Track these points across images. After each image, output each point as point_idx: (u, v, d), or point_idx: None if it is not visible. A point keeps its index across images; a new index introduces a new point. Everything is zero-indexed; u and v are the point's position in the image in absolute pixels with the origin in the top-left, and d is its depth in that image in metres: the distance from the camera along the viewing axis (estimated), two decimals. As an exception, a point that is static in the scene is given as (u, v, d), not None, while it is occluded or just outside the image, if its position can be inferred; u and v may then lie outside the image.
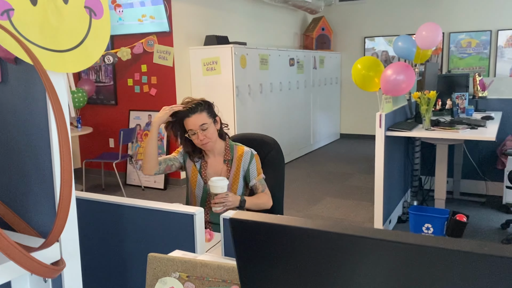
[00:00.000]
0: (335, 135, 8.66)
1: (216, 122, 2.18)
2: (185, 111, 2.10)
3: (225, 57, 5.31)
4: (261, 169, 2.25)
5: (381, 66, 3.46)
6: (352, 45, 8.60)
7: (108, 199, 1.15)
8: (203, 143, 2.12)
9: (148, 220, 1.07)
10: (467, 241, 0.51)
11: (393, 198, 3.95)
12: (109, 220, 1.15)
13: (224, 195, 1.95)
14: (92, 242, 1.17)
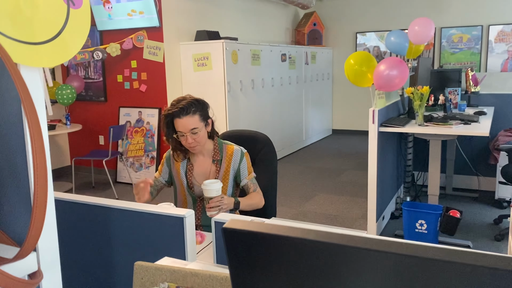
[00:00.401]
0: (327, 131, 8.64)
1: (207, 125, 2.10)
2: (177, 111, 1.99)
3: (216, 52, 5.24)
4: (252, 168, 2.19)
5: (374, 61, 3.43)
6: (344, 41, 8.56)
7: (90, 200, 1.09)
8: (191, 146, 2.05)
9: (135, 223, 1.02)
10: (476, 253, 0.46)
11: (386, 194, 3.93)
12: (91, 223, 1.09)
13: (219, 198, 1.89)
14: (72, 248, 1.12)
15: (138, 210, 1.00)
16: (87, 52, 5.30)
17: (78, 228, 1.11)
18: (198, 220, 2.15)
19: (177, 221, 0.96)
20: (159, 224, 0.98)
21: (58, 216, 1.10)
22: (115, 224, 1.04)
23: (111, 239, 1.05)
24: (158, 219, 0.98)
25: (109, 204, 1.05)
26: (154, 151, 5.39)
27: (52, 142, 5.94)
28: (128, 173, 5.51)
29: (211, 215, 1.89)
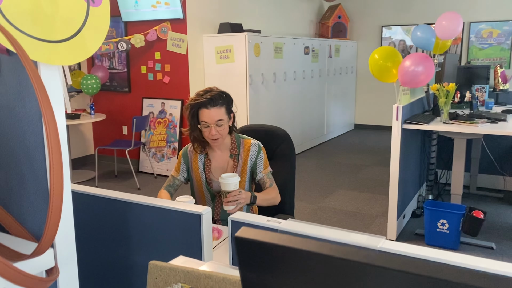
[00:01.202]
0: (350, 126, 8.54)
1: (230, 119, 2.10)
2: (205, 101, 1.98)
3: (239, 45, 5.23)
4: (268, 162, 2.18)
5: (399, 56, 3.36)
6: (369, 34, 8.42)
7: (108, 194, 1.10)
8: (214, 139, 2.03)
9: (152, 219, 1.02)
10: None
11: (408, 192, 3.86)
12: (108, 217, 1.10)
13: (237, 192, 1.88)
14: (89, 244, 1.13)
15: (156, 206, 1.01)
16: (111, 42, 5.36)
17: (94, 222, 1.12)
18: (217, 215, 2.15)
19: (194, 218, 0.96)
20: (176, 221, 0.98)
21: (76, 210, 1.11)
22: (132, 219, 1.05)
23: (128, 234, 1.06)
24: (175, 215, 0.99)
25: (126, 198, 1.06)
26: (176, 142, 5.44)
27: (76, 131, 6.05)
28: (150, 163, 5.57)
29: (228, 210, 1.90)
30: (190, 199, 1.90)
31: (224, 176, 1.89)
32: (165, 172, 5.50)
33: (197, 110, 2.03)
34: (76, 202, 1.14)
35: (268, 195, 2.10)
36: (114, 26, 5.74)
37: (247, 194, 1.96)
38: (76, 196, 1.14)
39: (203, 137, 2.08)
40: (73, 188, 1.13)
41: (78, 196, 1.13)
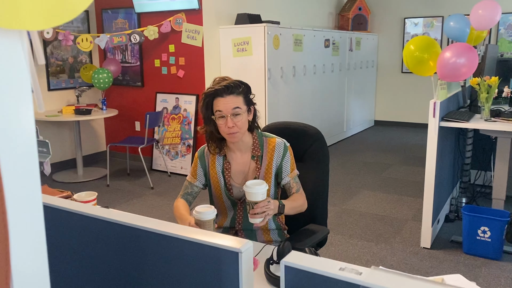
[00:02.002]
0: (370, 122, 8.22)
1: (250, 112, 1.83)
2: (220, 89, 1.74)
3: (257, 37, 4.95)
4: (295, 165, 1.91)
5: (437, 47, 3.05)
6: (390, 26, 8.07)
7: (114, 217, 0.84)
8: (230, 132, 1.76)
9: (173, 253, 0.77)
10: None
11: (442, 195, 3.57)
12: (113, 248, 0.85)
13: (265, 203, 1.62)
14: (92, 280, 0.88)
15: (179, 237, 0.75)
16: (124, 35, 5.13)
17: (97, 252, 0.87)
18: (239, 224, 1.90)
19: (230, 256, 0.70)
20: (205, 258, 0.72)
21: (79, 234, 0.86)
22: (147, 250, 0.80)
23: (142, 271, 0.81)
24: (204, 251, 0.73)
25: (136, 224, 0.80)
26: (191, 139, 5.20)
27: (88, 126, 5.85)
28: (164, 161, 5.35)
29: (256, 224, 1.64)
30: (211, 209, 1.65)
31: (250, 185, 1.63)
32: (179, 170, 5.27)
33: (211, 100, 1.78)
34: (77, 224, 0.89)
35: (296, 202, 1.83)
36: (127, 17, 5.51)
37: (275, 204, 1.70)
38: (76, 218, 0.88)
39: (219, 133, 1.82)
40: (74, 209, 0.88)
41: (79, 218, 0.88)
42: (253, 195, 1.61)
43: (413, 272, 2.90)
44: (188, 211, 1.83)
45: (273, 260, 1.44)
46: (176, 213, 1.84)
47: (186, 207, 1.86)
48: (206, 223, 1.62)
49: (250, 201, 1.62)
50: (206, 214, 1.62)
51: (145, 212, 4.07)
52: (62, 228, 0.93)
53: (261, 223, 1.63)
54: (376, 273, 0.56)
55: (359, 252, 3.22)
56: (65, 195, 1.93)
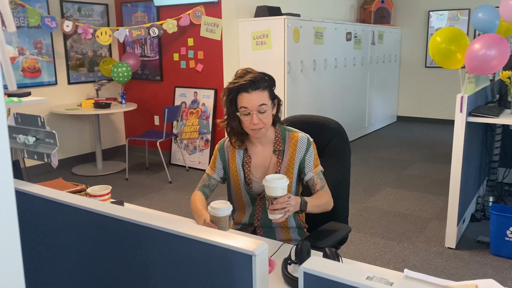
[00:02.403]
0: (392, 118, 8.04)
1: (274, 106, 1.76)
2: (245, 84, 1.66)
3: (277, 30, 4.86)
4: (319, 160, 1.82)
5: (465, 38, 2.91)
6: (414, 20, 7.85)
7: (124, 215, 0.78)
8: (256, 128, 1.69)
9: (184, 255, 0.70)
10: None
11: (468, 193, 3.43)
12: (121, 247, 0.78)
13: (286, 198, 1.54)
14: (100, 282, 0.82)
15: (188, 237, 0.68)
16: (143, 28, 5.11)
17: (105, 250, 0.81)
18: (258, 221, 1.83)
19: (243, 259, 0.63)
20: (217, 260, 0.66)
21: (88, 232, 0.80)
22: (156, 251, 0.73)
23: (150, 271, 0.74)
24: (215, 252, 0.66)
25: (145, 222, 0.74)
26: (209, 133, 5.15)
27: (107, 120, 5.87)
28: (182, 156, 5.32)
29: (275, 220, 1.56)
30: (227, 205, 1.58)
31: (270, 179, 1.55)
32: (197, 165, 5.23)
33: (235, 95, 1.70)
34: (84, 221, 0.83)
35: (320, 200, 1.74)
36: (146, 11, 5.48)
37: (297, 200, 1.61)
38: (84, 215, 0.83)
39: (242, 128, 1.75)
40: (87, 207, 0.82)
41: (87, 214, 0.82)
42: (273, 189, 1.53)
43: (437, 273, 2.79)
44: (205, 206, 1.77)
45: (291, 260, 1.37)
46: (193, 207, 1.80)
47: (202, 201, 1.80)
48: (222, 220, 1.56)
49: (270, 196, 1.54)
50: (221, 210, 1.55)
51: (163, 207, 4.05)
52: (68, 225, 0.87)
53: (281, 219, 1.56)
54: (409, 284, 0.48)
55: (381, 251, 3.12)
56: (79, 189, 1.89)
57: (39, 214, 0.92)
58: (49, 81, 5.16)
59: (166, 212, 3.82)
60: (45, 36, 5.06)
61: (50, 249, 0.93)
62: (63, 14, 5.20)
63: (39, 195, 0.89)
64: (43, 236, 0.94)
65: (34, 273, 0.99)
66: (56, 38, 5.18)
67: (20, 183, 0.94)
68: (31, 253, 0.97)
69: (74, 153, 5.47)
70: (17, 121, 1.14)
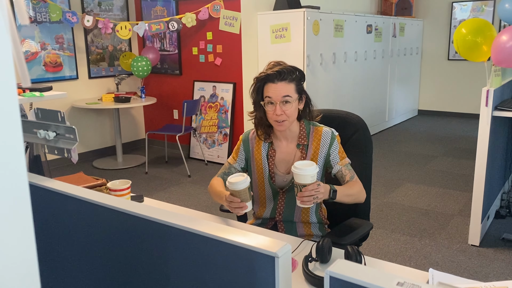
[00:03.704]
0: (413, 112, 7.90)
1: (301, 101, 1.76)
2: (272, 74, 1.68)
3: (297, 23, 4.80)
4: (345, 153, 1.80)
5: (492, 30, 2.82)
6: (437, 11, 7.67)
7: (144, 213, 0.77)
8: (278, 119, 1.69)
9: (203, 253, 0.68)
10: None
11: (492, 189, 3.34)
12: (140, 245, 0.77)
13: (315, 186, 1.51)
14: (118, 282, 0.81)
15: (209, 236, 0.66)
16: (162, 22, 5.11)
17: (124, 248, 0.80)
18: (280, 215, 1.81)
19: (265, 260, 0.61)
20: (238, 260, 0.64)
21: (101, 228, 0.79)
22: (176, 250, 0.72)
23: (169, 270, 0.73)
24: (237, 253, 0.64)
25: (165, 220, 0.72)
26: (228, 127, 5.14)
27: (127, 114, 5.92)
28: (201, 149, 5.33)
29: (303, 206, 1.54)
30: (244, 177, 1.56)
31: (299, 165, 1.51)
32: (216, 159, 5.24)
33: (262, 85, 1.72)
34: (103, 218, 0.82)
35: (351, 189, 1.71)
36: (165, 5, 5.49)
37: (326, 188, 1.59)
38: (102, 211, 0.82)
39: (267, 119, 1.75)
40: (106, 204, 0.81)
41: (104, 211, 0.82)
42: (302, 177, 1.50)
43: (460, 271, 2.73)
44: (224, 187, 1.76)
45: (312, 258, 1.35)
46: (211, 190, 1.81)
47: (221, 184, 1.81)
48: (242, 192, 1.55)
49: (298, 183, 1.51)
50: (239, 184, 1.54)
51: (182, 200, 4.06)
52: (87, 221, 0.87)
53: (310, 205, 1.53)
54: None
55: (402, 248, 3.07)
56: (99, 183, 1.90)
57: (59, 210, 0.92)
58: (71, 76, 5.22)
59: (184, 205, 3.84)
60: (66, 31, 5.11)
61: (69, 245, 0.93)
62: (83, 9, 5.25)
63: (59, 191, 0.89)
64: (62, 232, 0.93)
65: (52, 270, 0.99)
66: (77, 33, 5.23)
67: (40, 178, 0.94)
68: (49, 249, 0.97)
69: (94, 146, 5.54)
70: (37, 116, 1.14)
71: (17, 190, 0.42)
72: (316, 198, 1.52)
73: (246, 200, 1.58)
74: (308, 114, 1.81)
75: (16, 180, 0.41)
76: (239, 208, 1.58)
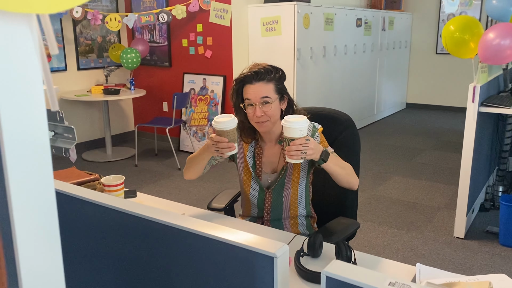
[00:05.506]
0: (401, 105, 7.98)
1: (283, 101, 1.73)
2: (249, 76, 1.66)
3: (287, 16, 4.81)
4: (327, 143, 1.77)
5: (479, 27, 2.87)
6: (425, 5, 7.73)
7: (143, 213, 0.79)
8: (259, 121, 1.67)
9: (204, 253, 0.71)
10: None
11: (477, 183, 3.42)
12: (140, 245, 0.80)
13: (303, 140, 1.48)
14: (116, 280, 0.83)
15: (209, 237, 0.69)
16: (152, 14, 5.08)
17: (124, 248, 0.83)
18: (267, 214, 1.83)
19: (264, 260, 0.64)
20: (238, 261, 0.67)
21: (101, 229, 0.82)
22: (176, 250, 0.74)
23: (170, 269, 0.76)
24: (236, 253, 0.67)
25: (170, 222, 0.75)
26: (218, 120, 5.15)
27: (116, 106, 5.89)
28: (191, 142, 5.34)
29: (290, 161, 1.52)
30: (231, 117, 1.56)
31: (288, 119, 1.49)
32: (206, 151, 5.25)
33: (241, 87, 1.70)
34: (102, 217, 0.85)
35: (344, 163, 1.68)
36: (155, -4, 5.44)
37: (317, 147, 1.54)
38: (101, 211, 0.84)
39: (249, 122, 1.74)
40: (105, 202, 0.83)
41: (104, 210, 0.84)
42: (291, 130, 1.47)
43: (446, 263, 2.80)
44: None
45: (303, 253, 1.38)
46: (189, 159, 1.82)
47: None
48: (230, 133, 1.54)
49: (287, 137, 1.49)
50: (228, 123, 1.52)
51: (173, 194, 4.08)
52: (86, 221, 0.89)
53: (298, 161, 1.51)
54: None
55: (389, 240, 3.14)
56: (92, 178, 1.91)
57: (61, 211, 0.94)
58: (59, 67, 5.17)
59: (175, 199, 3.86)
60: (55, 22, 5.05)
61: (69, 246, 0.95)
62: (72, -1, 5.18)
63: (60, 190, 0.91)
64: (62, 233, 0.96)
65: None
66: (65, 24, 5.18)
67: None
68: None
69: (84, 139, 5.51)
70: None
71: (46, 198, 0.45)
72: (305, 153, 1.49)
73: (233, 141, 1.55)
74: (291, 114, 1.76)
75: (45, 190, 0.44)
76: (227, 149, 1.56)
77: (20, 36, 0.37)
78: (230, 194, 2.09)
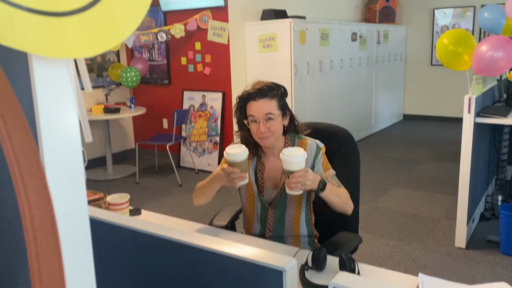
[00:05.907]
0: (398, 116, 8.05)
1: (285, 117, 1.78)
2: (253, 93, 1.71)
3: (283, 32, 4.89)
4: (329, 165, 1.83)
5: (472, 40, 2.94)
6: (419, 18, 7.86)
7: (154, 231, 0.82)
8: (262, 136, 1.72)
9: (214, 269, 0.74)
10: None
11: (476, 192, 3.45)
12: (151, 262, 0.83)
13: (302, 172, 1.54)
14: None
15: (220, 253, 0.73)
16: (151, 33, 5.16)
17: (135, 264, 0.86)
18: (269, 231, 1.85)
19: (273, 275, 0.67)
20: (248, 275, 0.70)
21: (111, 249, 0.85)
22: (187, 266, 0.78)
23: (181, 286, 0.79)
24: (246, 268, 0.70)
25: (180, 239, 0.78)
26: (218, 136, 5.20)
27: (116, 125, 5.93)
28: (191, 158, 5.37)
29: (290, 193, 1.58)
30: (242, 149, 1.61)
31: (287, 152, 1.55)
32: (206, 167, 5.29)
33: (245, 104, 1.75)
34: (114, 236, 0.88)
35: (340, 192, 1.74)
36: (153, 16, 5.54)
37: (315, 177, 1.60)
38: (114, 230, 0.88)
39: (253, 137, 1.78)
40: (114, 221, 0.87)
41: (116, 229, 0.87)
42: (290, 163, 1.52)
43: (448, 274, 2.82)
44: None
45: (308, 266, 1.41)
46: (198, 186, 1.86)
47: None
48: (242, 164, 1.58)
49: (286, 170, 1.54)
50: (240, 155, 1.57)
51: (174, 210, 4.10)
52: (99, 240, 0.92)
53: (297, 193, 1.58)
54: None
55: (391, 252, 3.15)
56: (97, 197, 1.94)
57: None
58: (59, 87, 5.22)
59: (177, 215, 3.88)
60: (55, 43, 5.12)
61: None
62: (71, 20, 5.27)
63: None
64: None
65: None
66: (65, 45, 5.24)
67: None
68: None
69: (84, 157, 5.53)
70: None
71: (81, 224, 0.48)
72: (304, 185, 1.55)
73: (245, 171, 1.60)
74: (293, 129, 1.83)
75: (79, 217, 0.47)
76: (239, 179, 1.61)
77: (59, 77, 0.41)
78: (231, 211, 2.10)
